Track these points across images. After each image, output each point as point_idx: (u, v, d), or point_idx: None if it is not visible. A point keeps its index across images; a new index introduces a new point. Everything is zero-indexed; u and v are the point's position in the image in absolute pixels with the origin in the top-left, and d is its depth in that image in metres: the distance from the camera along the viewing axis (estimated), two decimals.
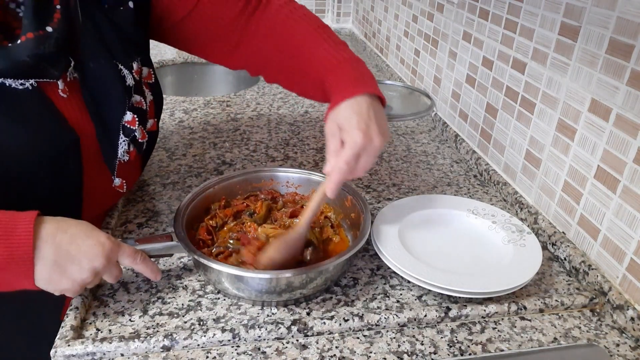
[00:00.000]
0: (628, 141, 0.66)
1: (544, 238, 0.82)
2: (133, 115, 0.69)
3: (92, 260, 0.57)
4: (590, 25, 0.72)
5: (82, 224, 0.59)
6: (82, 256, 0.56)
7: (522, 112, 0.90)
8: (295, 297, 0.66)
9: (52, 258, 0.55)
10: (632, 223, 0.66)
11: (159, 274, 0.66)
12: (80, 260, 0.56)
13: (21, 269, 0.54)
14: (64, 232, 0.56)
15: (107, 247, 0.58)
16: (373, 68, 1.72)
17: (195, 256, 0.64)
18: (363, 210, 0.75)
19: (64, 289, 0.58)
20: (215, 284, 0.68)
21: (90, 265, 0.57)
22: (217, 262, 0.63)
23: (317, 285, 0.66)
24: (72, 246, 0.56)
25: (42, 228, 0.55)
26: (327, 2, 2.21)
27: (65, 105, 0.63)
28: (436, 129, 1.24)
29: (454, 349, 0.62)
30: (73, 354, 0.58)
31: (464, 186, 0.99)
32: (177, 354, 0.60)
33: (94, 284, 0.61)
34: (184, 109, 1.29)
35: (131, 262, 0.62)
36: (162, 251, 0.68)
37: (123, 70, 0.67)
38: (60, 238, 0.56)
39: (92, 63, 0.65)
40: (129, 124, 0.68)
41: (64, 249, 0.56)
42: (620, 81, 0.66)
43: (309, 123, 1.25)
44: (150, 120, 0.75)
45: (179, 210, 0.73)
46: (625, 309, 0.66)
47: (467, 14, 1.08)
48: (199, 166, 1.01)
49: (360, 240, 0.68)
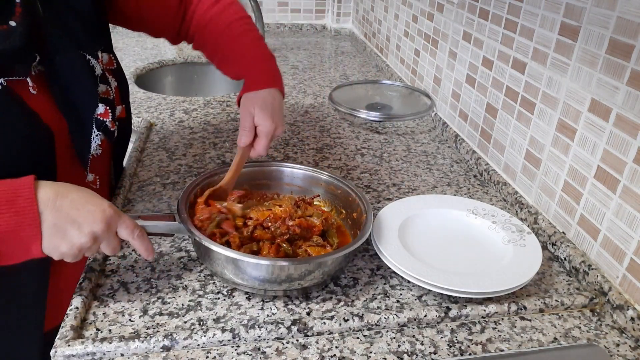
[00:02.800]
0: (628, 141, 0.66)
1: (544, 238, 0.82)
2: (106, 107, 0.68)
3: (92, 225, 0.57)
4: (590, 25, 0.72)
5: (83, 190, 0.59)
6: (82, 220, 0.56)
7: (522, 112, 0.90)
8: (293, 288, 0.66)
9: (53, 221, 0.55)
10: (632, 223, 0.66)
11: (152, 254, 0.65)
12: (80, 223, 0.56)
13: (30, 234, 0.55)
14: (64, 197, 0.56)
15: (107, 213, 0.58)
16: (373, 68, 1.73)
17: (195, 237, 0.65)
18: (365, 210, 0.75)
19: (63, 252, 0.58)
20: (212, 268, 0.68)
21: (90, 229, 0.57)
22: (218, 245, 0.64)
23: (315, 277, 0.66)
24: (73, 210, 0.56)
25: (42, 193, 0.55)
26: (327, 2, 2.21)
27: (37, 101, 0.62)
28: (436, 129, 1.24)
29: (454, 349, 0.62)
30: (73, 354, 0.58)
31: (464, 186, 0.99)
32: (177, 354, 0.60)
33: (92, 252, 0.60)
34: (184, 109, 1.29)
35: (129, 234, 0.61)
36: (163, 229, 0.68)
37: (91, 60, 0.66)
38: (60, 202, 0.56)
39: (58, 56, 0.64)
40: (102, 117, 0.67)
41: (65, 212, 0.56)
42: (620, 81, 0.66)
43: (309, 123, 1.25)
44: (119, 107, 0.74)
45: (184, 192, 0.74)
46: (625, 309, 0.66)
47: (467, 14, 1.08)
48: (199, 166, 1.01)
49: (361, 238, 0.68)
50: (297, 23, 2.23)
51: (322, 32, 2.23)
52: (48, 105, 0.63)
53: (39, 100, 0.62)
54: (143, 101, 1.35)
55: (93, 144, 0.68)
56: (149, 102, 1.34)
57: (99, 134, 0.68)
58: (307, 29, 2.24)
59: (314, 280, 0.66)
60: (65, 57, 0.64)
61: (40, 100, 0.62)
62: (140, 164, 1.02)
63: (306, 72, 1.66)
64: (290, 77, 1.61)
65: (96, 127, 0.67)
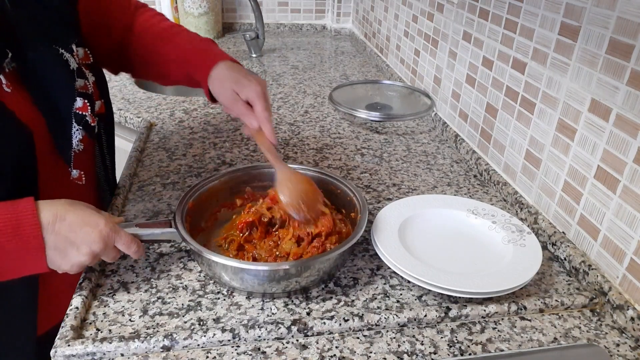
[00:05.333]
0: (628, 141, 0.66)
1: (544, 238, 0.82)
2: (84, 101, 0.67)
3: (90, 245, 0.59)
4: (590, 25, 0.72)
5: (79, 209, 0.60)
6: (80, 242, 0.59)
7: (522, 112, 0.90)
8: (291, 288, 0.67)
9: (53, 244, 0.58)
10: (632, 223, 0.66)
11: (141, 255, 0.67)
12: (78, 245, 0.59)
13: (36, 257, 0.57)
14: (62, 220, 0.58)
15: (104, 232, 0.59)
16: (373, 68, 1.73)
17: (191, 246, 0.65)
18: (360, 210, 0.75)
19: (65, 269, 0.60)
20: (209, 272, 0.69)
21: (88, 249, 0.59)
22: (212, 253, 0.64)
23: (312, 275, 0.66)
24: (71, 233, 0.58)
25: (42, 217, 0.56)
26: (327, 2, 2.21)
27: (12, 100, 0.60)
28: (436, 129, 1.24)
29: (454, 349, 0.62)
30: (73, 354, 0.58)
31: (464, 186, 0.99)
32: (177, 354, 0.60)
33: (93, 263, 0.62)
34: (184, 109, 1.29)
35: (125, 249, 0.64)
36: (159, 237, 0.68)
37: (65, 54, 0.65)
38: (59, 226, 0.57)
39: (31, 52, 0.62)
40: (80, 110, 0.67)
41: (63, 235, 0.58)
42: (620, 81, 0.66)
43: (309, 123, 1.25)
44: (98, 102, 0.72)
45: (182, 199, 0.74)
46: (625, 309, 0.66)
47: (467, 14, 1.08)
48: (199, 166, 1.01)
49: (354, 237, 0.68)
50: (297, 23, 2.23)
51: (322, 32, 2.23)
52: (24, 103, 0.62)
53: (14, 98, 0.61)
54: (143, 101, 1.35)
55: (74, 139, 0.67)
56: (149, 102, 1.34)
57: (79, 128, 0.67)
58: (307, 29, 2.24)
59: (310, 278, 0.67)
60: (37, 52, 0.63)
61: (16, 98, 0.61)
62: (140, 164, 1.02)
63: (306, 72, 1.66)
64: (290, 77, 1.61)
65: (76, 121, 0.67)
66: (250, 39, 1.81)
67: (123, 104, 1.33)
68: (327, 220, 0.73)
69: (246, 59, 1.81)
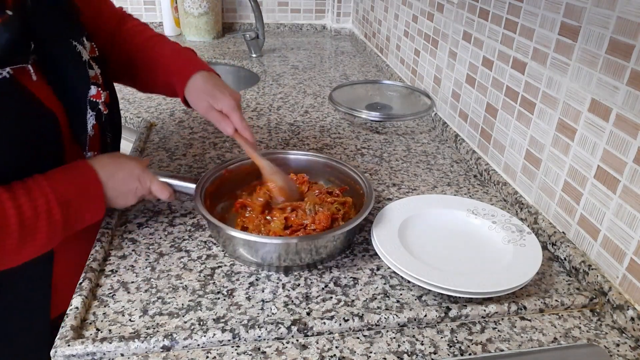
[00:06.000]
0: (628, 141, 0.66)
1: (544, 238, 0.82)
2: (97, 89, 0.73)
3: (136, 193, 0.74)
4: (590, 25, 0.72)
5: (124, 169, 0.72)
6: (127, 191, 0.73)
7: (522, 112, 0.90)
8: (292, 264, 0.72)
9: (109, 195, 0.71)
10: (632, 223, 0.66)
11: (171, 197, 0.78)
12: (126, 195, 0.73)
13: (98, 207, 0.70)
14: (112, 177, 0.70)
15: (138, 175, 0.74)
16: (373, 68, 1.73)
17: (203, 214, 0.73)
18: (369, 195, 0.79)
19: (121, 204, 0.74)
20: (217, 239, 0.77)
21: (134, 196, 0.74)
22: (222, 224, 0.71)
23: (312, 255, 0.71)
24: (122, 186, 0.72)
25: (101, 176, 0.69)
26: (327, 2, 2.21)
27: (38, 88, 0.66)
28: (436, 129, 1.24)
29: (454, 349, 0.62)
30: (73, 354, 0.58)
31: (464, 186, 0.99)
32: (177, 354, 0.60)
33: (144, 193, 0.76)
34: (184, 109, 1.29)
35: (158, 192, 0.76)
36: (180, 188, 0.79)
37: (78, 47, 0.71)
38: (112, 182, 0.70)
39: (48, 43, 0.68)
40: (95, 98, 0.72)
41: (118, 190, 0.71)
42: (620, 81, 0.66)
43: (309, 123, 1.25)
44: (104, 93, 0.77)
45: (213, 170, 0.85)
46: (625, 309, 0.66)
47: (467, 14, 1.08)
48: (199, 166, 1.01)
49: (358, 219, 0.73)
50: (297, 23, 2.23)
51: (322, 32, 2.23)
52: (47, 91, 0.67)
53: (40, 86, 0.67)
54: (143, 101, 1.35)
55: (89, 124, 0.73)
56: (149, 102, 1.34)
57: (93, 114, 0.73)
58: (307, 29, 2.24)
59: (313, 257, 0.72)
60: (54, 44, 0.68)
61: (41, 87, 0.66)
62: None
63: (306, 72, 1.66)
64: (290, 77, 1.61)
65: (90, 108, 0.72)
66: (250, 39, 1.81)
67: (123, 104, 1.33)
68: (324, 217, 0.76)
69: (246, 59, 1.81)
